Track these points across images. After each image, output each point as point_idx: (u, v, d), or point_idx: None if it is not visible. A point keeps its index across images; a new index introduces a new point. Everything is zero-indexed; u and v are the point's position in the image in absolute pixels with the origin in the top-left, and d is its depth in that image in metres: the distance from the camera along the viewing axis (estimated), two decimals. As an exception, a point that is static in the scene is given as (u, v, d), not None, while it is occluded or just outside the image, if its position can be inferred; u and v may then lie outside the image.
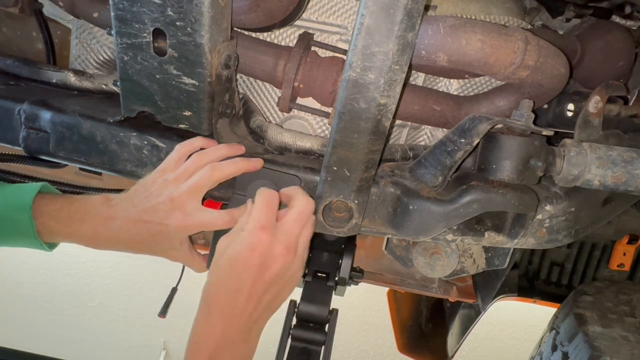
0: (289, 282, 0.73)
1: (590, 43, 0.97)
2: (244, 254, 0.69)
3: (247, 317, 0.69)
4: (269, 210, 0.72)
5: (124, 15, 0.69)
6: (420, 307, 1.82)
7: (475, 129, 0.72)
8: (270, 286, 0.70)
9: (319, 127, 0.97)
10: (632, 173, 0.77)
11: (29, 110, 0.85)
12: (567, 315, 1.35)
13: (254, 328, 0.71)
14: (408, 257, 1.13)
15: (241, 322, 0.69)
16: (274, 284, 0.70)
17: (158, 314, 1.13)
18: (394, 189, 0.81)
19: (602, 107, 0.85)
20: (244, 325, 0.70)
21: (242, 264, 0.69)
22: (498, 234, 0.83)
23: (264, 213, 0.71)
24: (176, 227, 0.74)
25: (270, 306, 0.72)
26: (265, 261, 0.69)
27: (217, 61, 0.74)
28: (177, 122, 0.80)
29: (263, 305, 0.71)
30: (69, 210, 0.74)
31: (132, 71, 0.75)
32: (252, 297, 0.69)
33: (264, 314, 0.72)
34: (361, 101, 0.68)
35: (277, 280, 0.70)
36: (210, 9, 0.68)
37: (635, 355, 1.17)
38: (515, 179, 0.77)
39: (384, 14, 0.62)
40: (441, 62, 0.78)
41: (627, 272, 1.62)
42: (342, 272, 1.00)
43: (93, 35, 0.98)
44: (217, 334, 0.68)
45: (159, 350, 3.28)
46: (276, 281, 0.70)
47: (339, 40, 0.92)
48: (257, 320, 0.71)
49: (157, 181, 0.75)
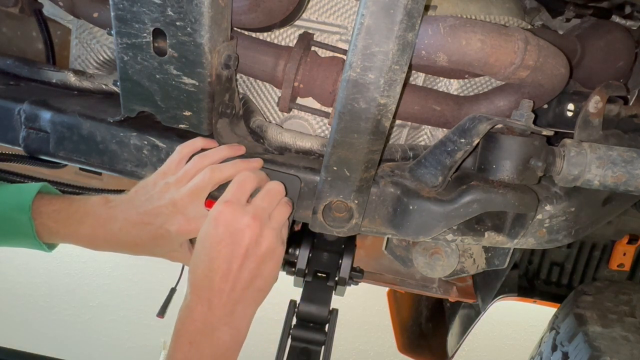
0: (267, 257, 0.70)
1: (590, 43, 0.97)
2: (210, 231, 0.68)
3: (227, 297, 0.67)
4: (238, 189, 0.71)
5: (124, 15, 0.69)
6: (420, 307, 1.83)
7: (475, 129, 0.72)
8: (244, 260, 0.67)
9: (319, 127, 0.97)
10: (632, 173, 0.77)
11: (29, 110, 0.85)
12: (567, 315, 1.35)
13: (236, 310, 0.68)
14: (408, 257, 1.13)
15: (220, 303, 0.67)
16: (247, 258, 0.68)
17: (157, 314, 1.13)
18: (394, 189, 0.81)
19: (602, 107, 0.85)
20: (224, 307, 0.67)
21: (210, 242, 0.67)
22: (498, 234, 0.83)
23: (230, 190, 0.70)
24: (177, 231, 0.73)
25: (251, 285, 0.69)
26: (232, 234, 0.67)
27: (217, 61, 0.74)
28: (177, 122, 0.80)
29: (242, 282, 0.68)
30: (69, 211, 0.74)
31: (132, 71, 0.75)
32: (228, 274, 0.67)
33: (246, 294, 0.69)
34: (361, 101, 0.68)
35: (250, 253, 0.68)
36: (210, 9, 0.68)
37: (635, 355, 1.17)
38: (515, 179, 0.77)
39: (384, 14, 0.62)
40: (441, 62, 0.78)
41: (627, 272, 1.62)
42: (342, 272, 1.00)
43: (93, 35, 0.98)
44: (197, 318, 0.66)
45: (159, 350, 3.28)
46: (250, 255, 0.68)
47: (339, 40, 0.92)
48: (238, 300, 0.68)
49: (159, 183, 0.75)
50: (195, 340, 0.65)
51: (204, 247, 0.68)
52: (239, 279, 0.67)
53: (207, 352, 0.66)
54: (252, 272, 0.69)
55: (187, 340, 0.65)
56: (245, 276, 0.68)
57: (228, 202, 0.68)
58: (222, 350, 0.67)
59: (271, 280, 0.72)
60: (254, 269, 0.69)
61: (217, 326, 0.66)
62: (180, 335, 0.66)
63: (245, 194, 0.71)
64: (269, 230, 0.70)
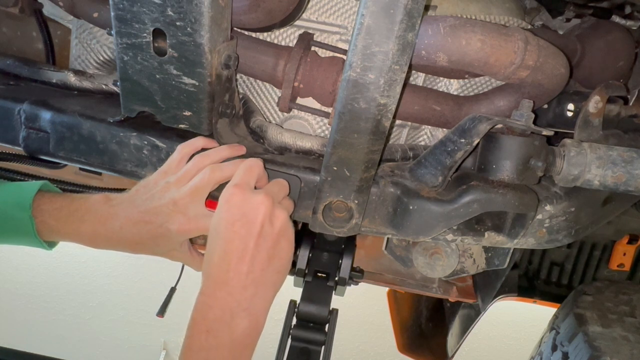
0: (281, 236, 0.68)
1: (590, 43, 0.97)
2: (223, 214, 0.66)
3: (245, 278, 0.64)
4: (246, 173, 0.70)
5: (124, 15, 0.69)
6: (420, 307, 1.83)
7: (475, 129, 0.72)
8: (259, 240, 0.66)
9: (319, 127, 0.97)
10: (632, 173, 0.77)
11: (29, 110, 0.85)
12: (567, 315, 1.35)
13: (256, 294, 0.65)
14: (408, 257, 1.13)
15: (239, 285, 0.64)
16: (262, 237, 0.66)
17: (156, 314, 1.13)
18: (394, 189, 0.81)
19: (602, 107, 0.85)
20: (244, 290, 0.64)
21: (225, 224, 0.66)
22: (498, 234, 0.83)
23: (239, 175, 0.70)
24: (178, 231, 0.73)
25: (269, 265, 0.67)
26: (246, 213, 0.66)
27: (217, 61, 0.74)
28: (177, 122, 0.80)
29: (260, 263, 0.66)
30: (69, 209, 0.74)
31: (132, 71, 0.75)
32: (244, 254, 0.65)
33: (265, 276, 0.66)
34: (361, 101, 0.68)
35: (265, 232, 0.66)
36: (210, 9, 0.68)
37: (635, 355, 1.17)
38: (515, 179, 0.77)
39: (384, 14, 0.62)
40: (441, 62, 0.78)
41: (627, 272, 1.62)
42: (342, 272, 1.00)
43: (93, 35, 0.98)
44: (214, 305, 0.64)
45: (159, 350, 3.28)
46: (265, 234, 0.66)
47: (339, 40, 0.92)
48: (258, 283, 0.65)
49: (159, 183, 0.75)
50: (212, 329, 0.63)
51: (218, 231, 0.66)
52: (257, 259, 0.66)
53: (225, 341, 0.63)
54: (269, 252, 0.67)
55: (205, 328, 0.63)
56: (263, 255, 0.66)
57: (238, 185, 0.68)
58: (240, 338, 0.64)
59: (287, 260, 0.70)
60: (270, 247, 0.67)
61: (236, 312, 0.64)
62: (196, 323, 0.64)
63: (253, 178, 0.71)
64: (281, 210, 0.69)
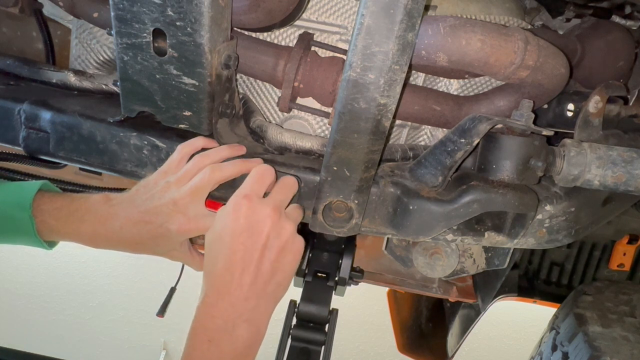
0: (287, 249, 0.68)
1: (590, 43, 0.97)
2: (230, 224, 0.66)
3: (248, 290, 0.64)
4: (257, 182, 0.70)
5: (124, 15, 0.69)
6: (420, 307, 1.83)
7: (475, 129, 0.72)
8: (264, 252, 0.66)
9: (319, 127, 0.97)
10: (632, 173, 0.77)
11: (29, 110, 0.85)
12: (567, 315, 1.35)
13: (258, 306, 0.66)
14: (408, 257, 1.13)
15: (242, 297, 0.64)
16: (268, 249, 0.66)
17: (156, 314, 1.13)
18: (394, 189, 0.81)
19: (602, 107, 0.85)
20: (246, 301, 0.65)
21: (231, 234, 0.65)
22: (498, 234, 0.83)
23: (249, 184, 0.70)
24: (178, 231, 0.73)
25: (272, 278, 0.67)
26: (252, 225, 0.66)
27: (217, 61, 0.74)
28: (177, 122, 0.80)
29: (263, 276, 0.66)
30: (69, 209, 0.74)
31: (132, 71, 0.75)
32: (248, 266, 0.65)
33: (268, 289, 0.67)
34: (361, 101, 0.68)
35: (271, 245, 0.66)
36: (210, 9, 0.68)
37: (635, 355, 1.17)
38: (515, 179, 0.77)
39: (384, 14, 0.62)
40: (441, 62, 0.78)
41: (627, 272, 1.62)
42: (342, 272, 1.00)
43: (93, 35, 0.98)
44: (216, 315, 0.64)
45: (159, 350, 3.28)
46: (270, 246, 0.66)
47: (339, 40, 0.92)
48: (260, 295, 0.66)
49: (159, 183, 0.75)
50: (214, 338, 0.63)
51: (224, 241, 0.66)
52: (261, 271, 0.66)
53: (226, 350, 0.64)
54: (273, 264, 0.67)
55: (206, 338, 0.63)
56: (267, 268, 0.66)
57: (247, 196, 0.68)
58: (241, 348, 0.65)
59: (291, 274, 0.70)
60: (274, 260, 0.67)
61: (237, 322, 0.64)
62: (198, 332, 0.64)
63: (264, 187, 0.71)
64: (289, 223, 0.69)
